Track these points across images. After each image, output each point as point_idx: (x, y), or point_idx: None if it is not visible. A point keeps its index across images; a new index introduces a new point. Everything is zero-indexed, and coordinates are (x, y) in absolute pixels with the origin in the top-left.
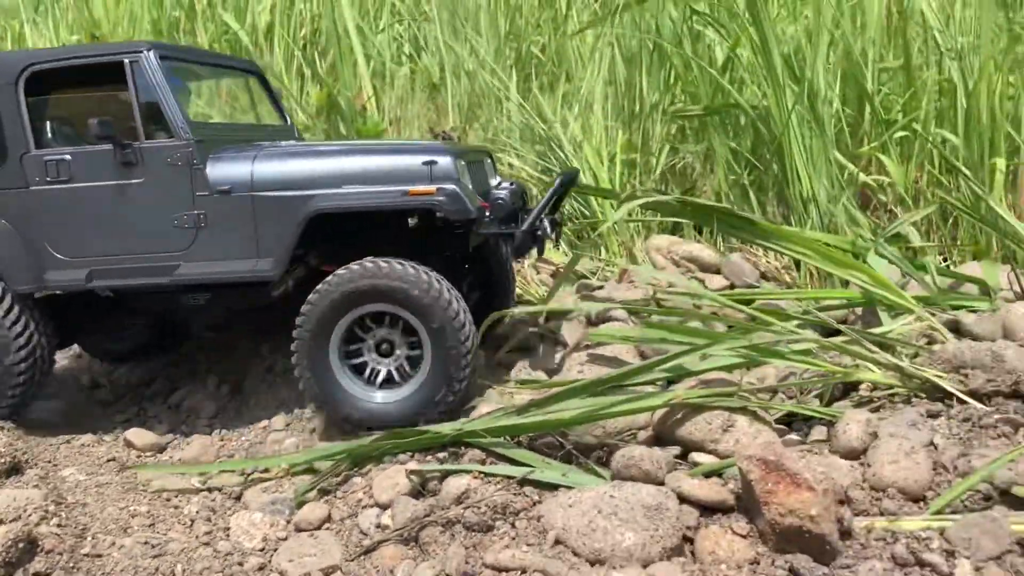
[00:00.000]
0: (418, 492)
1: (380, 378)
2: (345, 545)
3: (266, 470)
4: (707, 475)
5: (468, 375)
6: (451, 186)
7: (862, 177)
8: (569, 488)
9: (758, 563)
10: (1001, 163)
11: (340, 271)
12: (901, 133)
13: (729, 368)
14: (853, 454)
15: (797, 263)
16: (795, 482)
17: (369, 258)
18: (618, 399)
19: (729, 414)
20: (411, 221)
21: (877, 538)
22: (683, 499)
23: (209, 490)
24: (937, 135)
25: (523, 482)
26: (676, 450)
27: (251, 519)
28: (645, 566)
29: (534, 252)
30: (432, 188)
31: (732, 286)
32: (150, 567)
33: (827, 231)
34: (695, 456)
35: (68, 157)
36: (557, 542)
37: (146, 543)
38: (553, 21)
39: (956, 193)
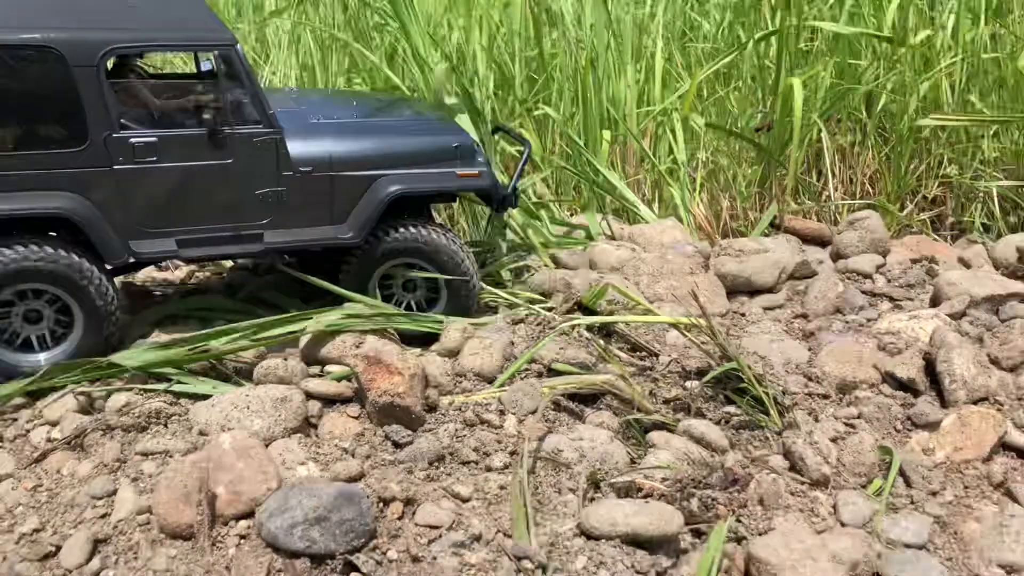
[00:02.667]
0: (86, 410)
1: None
2: (18, 458)
3: None
4: (339, 380)
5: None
6: (487, 168)
7: (508, 148)
8: None
9: (363, 434)
10: (607, 135)
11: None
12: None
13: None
14: (452, 353)
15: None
16: (389, 370)
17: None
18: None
19: (361, 334)
20: None
21: (455, 408)
22: (311, 396)
23: None
24: (551, 112)
25: (178, 394)
26: (317, 368)
27: None
28: (267, 443)
29: None
30: (476, 171)
31: None
32: None
33: None
34: (330, 368)
35: (155, 139)
36: (200, 433)
37: None
38: (254, 6)
39: (579, 159)
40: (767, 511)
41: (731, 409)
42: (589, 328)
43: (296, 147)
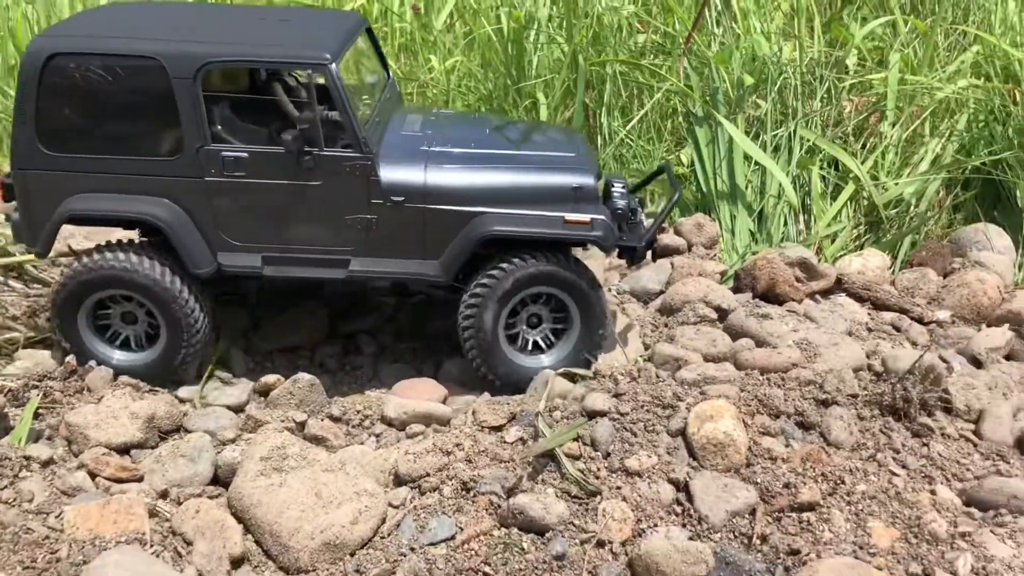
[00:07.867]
0: None
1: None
2: None
3: None
4: None
5: None
6: (602, 217)
7: None
8: None
9: None
10: None
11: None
12: None
13: None
14: None
15: None
16: None
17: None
18: None
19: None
20: None
21: None
22: None
23: None
24: None
25: None
26: None
27: None
28: None
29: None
30: (587, 219)
31: None
32: None
33: None
34: None
35: (245, 155)
36: None
37: None
38: None
39: None
40: (94, 393)
41: None
42: None
43: (393, 174)
